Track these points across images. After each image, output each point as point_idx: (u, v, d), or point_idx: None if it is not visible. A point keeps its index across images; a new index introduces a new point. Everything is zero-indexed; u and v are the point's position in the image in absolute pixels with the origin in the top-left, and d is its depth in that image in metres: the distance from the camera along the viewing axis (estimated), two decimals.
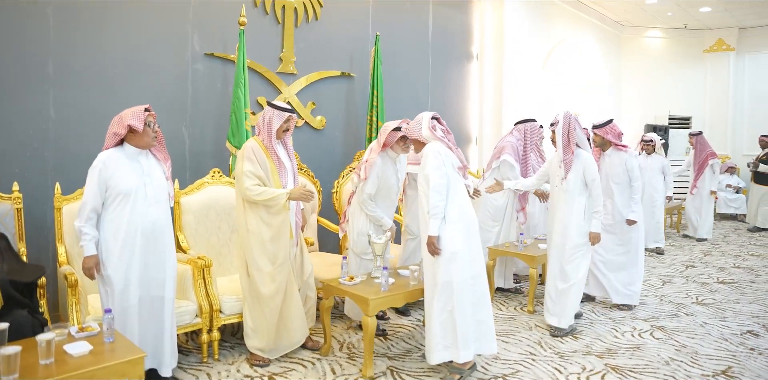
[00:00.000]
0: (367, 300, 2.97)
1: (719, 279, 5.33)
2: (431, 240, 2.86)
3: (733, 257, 6.36)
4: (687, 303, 4.51)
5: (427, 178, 2.87)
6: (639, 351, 3.45)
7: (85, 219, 2.50)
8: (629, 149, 4.25)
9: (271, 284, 3.05)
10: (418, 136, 3.04)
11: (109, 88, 3.71)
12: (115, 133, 2.56)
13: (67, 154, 3.55)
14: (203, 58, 4.14)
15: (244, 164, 3.01)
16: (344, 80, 5.15)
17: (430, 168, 2.88)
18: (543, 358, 3.31)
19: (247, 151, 3.04)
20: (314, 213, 4.44)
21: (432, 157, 2.91)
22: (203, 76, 4.15)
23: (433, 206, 2.84)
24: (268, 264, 3.05)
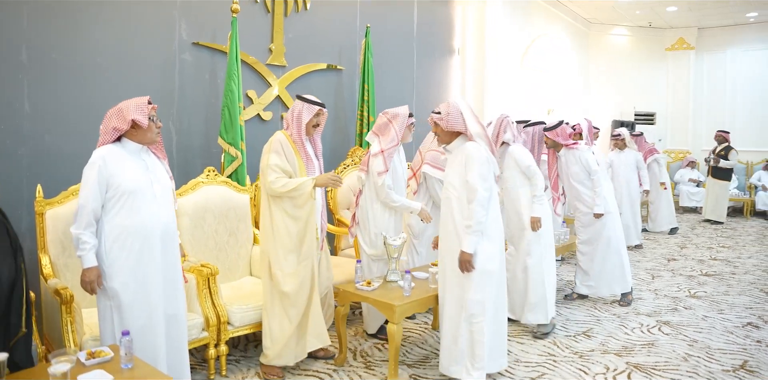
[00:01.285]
0: (393, 306, 2.80)
1: (703, 271, 5.47)
2: (467, 258, 2.67)
3: (707, 249, 6.58)
4: (681, 296, 4.59)
5: (472, 188, 2.67)
6: (654, 347, 3.45)
7: (84, 225, 2.18)
8: (580, 145, 4.25)
9: (294, 280, 2.87)
10: (462, 128, 2.78)
11: (90, 78, 3.35)
12: (115, 128, 2.26)
13: (44, 153, 3.17)
14: (191, 47, 3.83)
15: (270, 157, 2.85)
16: (332, 73, 4.93)
17: (478, 177, 2.67)
18: (563, 359, 3.25)
19: (275, 144, 2.88)
20: None
21: (479, 163, 2.70)
22: (191, 66, 3.84)
23: (477, 222, 2.65)
24: (293, 260, 2.88)
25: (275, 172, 2.84)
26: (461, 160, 2.74)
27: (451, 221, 2.77)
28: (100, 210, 2.23)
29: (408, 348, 3.39)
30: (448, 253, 2.79)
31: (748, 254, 6.31)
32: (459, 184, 2.73)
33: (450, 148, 2.87)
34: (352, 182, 4.44)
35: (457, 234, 2.72)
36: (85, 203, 2.20)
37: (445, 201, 2.81)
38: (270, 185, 2.83)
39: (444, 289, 2.82)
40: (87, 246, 2.18)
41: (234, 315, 2.95)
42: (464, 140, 2.81)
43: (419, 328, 3.74)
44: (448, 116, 2.80)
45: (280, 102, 4.46)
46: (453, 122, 2.78)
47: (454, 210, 2.74)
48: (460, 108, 2.81)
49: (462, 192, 2.72)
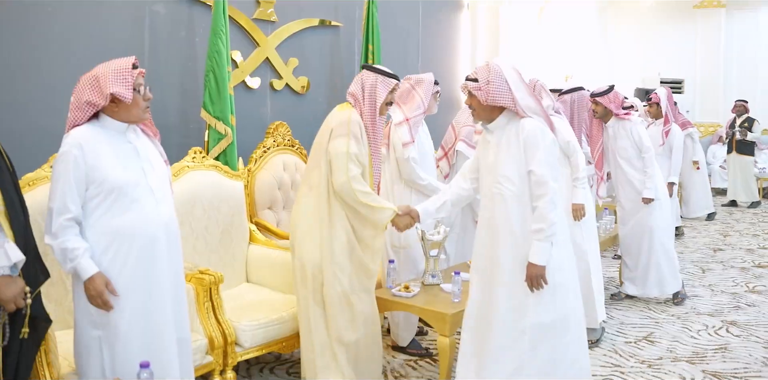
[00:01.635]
0: (445, 316, 2.72)
1: (755, 262, 5.58)
2: (539, 271, 2.37)
3: (753, 237, 6.74)
4: (740, 292, 4.67)
5: (540, 181, 2.37)
6: (728, 352, 3.48)
7: (61, 231, 1.96)
8: (633, 116, 4.29)
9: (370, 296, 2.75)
10: (507, 101, 2.42)
11: (42, 34, 3.10)
12: (89, 102, 2.01)
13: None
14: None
15: (350, 143, 2.63)
16: (328, 31, 4.74)
17: (546, 166, 2.38)
18: (631, 370, 3.25)
19: (354, 125, 2.68)
20: None
21: (545, 147, 2.39)
22: (164, 21, 3.61)
23: (550, 224, 2.35)
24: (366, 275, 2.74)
25: (355, 165, 2.63)
26: (515, 143, 2.44)
27: (504, 224, 2.46)
28: (80, 213, 2.01)
29: None
30: (494, 265, 2.49)
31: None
32: (516, 176, 2.43)
33: (492, 128, 2.53)
34: None
35: (514, 241, 2.44)
36: (58, 206, 1.96)
37: (494, 199, 2.49)
38: (348, 182, 2.60)
39: (481, 313, 2.52)
40: (78, 252, 1.97)
41: (243, 333, 2.80)
42: (511, 116, 2.48)
43: None
44: (489, 85, 2.43)
45: (269, 66, 4.27)
46: (495, 93, 2.42)
47: (510, 211, 2.44)
48: (503, 73, 2.44)
49: (522, 186, 2.42)
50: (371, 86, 2.78)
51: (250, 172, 3.68)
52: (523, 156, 2.41)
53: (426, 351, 3.45)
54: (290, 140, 3.96)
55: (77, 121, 2.05)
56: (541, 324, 2.43)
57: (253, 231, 3.53)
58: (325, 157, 2.69)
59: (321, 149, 2.72)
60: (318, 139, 2.78)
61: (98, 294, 1.96)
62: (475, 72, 2.53)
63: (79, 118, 2.04)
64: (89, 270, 1.97)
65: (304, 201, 2.75)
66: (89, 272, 1.97)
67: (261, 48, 4.16)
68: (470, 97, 2.55)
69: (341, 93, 4.90)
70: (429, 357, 3.41)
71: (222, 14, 3.50)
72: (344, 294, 2.68)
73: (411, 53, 5.71)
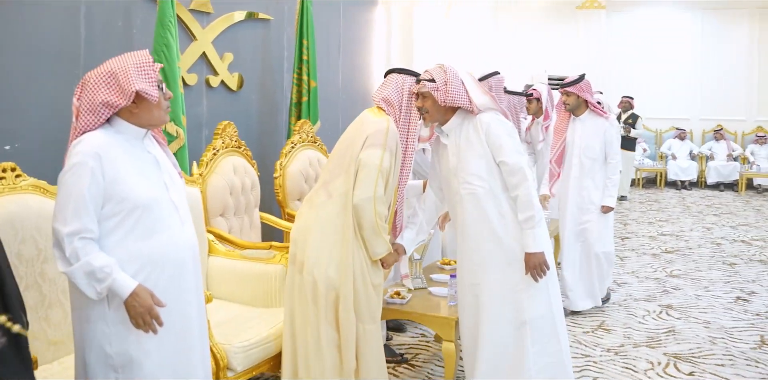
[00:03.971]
0: (451, 321, 2.78)
1: (662, 248, 6.22)
2: (541, 258, 2.46)
3: (648, 224, 7.50)
4: (662, 277, 5.19)
5: (514, 169, 2.46)
6: (677, 334, 3.87)
7: (77, 251, 1.72)
8: (611, 117, 4.29)
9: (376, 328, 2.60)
10: (464, 101, 2.49)
11: None
12: (106, 103, 1.79)
13: None
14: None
15: (384, 156, 2.44)
16: (259, 25, 4.58)
17: (515, 153, 2.49)
18: (602, 359, 3.50)
19: (392, 137, 2.48)
20: (255, 208, 3.93)
21: (508, 134, 2.51)
22: (101, 10, 3.29)
23: (538, 208, 2.47)
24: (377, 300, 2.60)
25: (384, 180, 2.45)
26: (476, 139, 2.50)
27: (483, 223, 2.53)
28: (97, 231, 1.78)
29: (428, 369, 3.36)
30: (481, 266, 2.57)
31: (688, 227, 7.32)
32: (485, 172, 2.50)
33: (447, 129, 2.59)
34: (302, 165, 4.21)
35: (496, 238, 2.52)
36: (78, 228, 1.73)
37: (464, 200, 2.55)
38: (370, 200, 2.41)
39: (478, 314, 2.58)
40: (109, 269, 1.73)
41: (236, 356, 2.63)
42: (464, 115, 2.57)
43: (418, 343, 3.70)
44: (447, 85, 2.48)
45: (205, 62, 4.03)
46: (454, 93, 2.48)
47: (487, 209, 2.51)
48: (458, 73, 2.53)
49: (493, 180, 2.51)
50: (409, 92, 2.61)
51: (202, 177, 3.47)
52: (488, 150, 2.50)
53: (401, 357, 3.47)
54: (237, 141, 3.78)
55: (89, 126, 1.82)
56: (540, 316, 2.55)
57: (212, 242, 3.34)
58: (354, 165, 2.49)
59: (352, 155, 2.50)
60: (348, 143, 2.56)
61: (147, 309, 1.75)
62: (428, 73, 2.55)
63: (93, 123, 1.82)
64: (130, 285, 1.75)
65: (323, 209, 2.52)
66: (130, 286, 1.75)
67: (198, 42, 3.92)
68: (423, 98, 2.54)
69: (273, 91, 4.77)
70: (405, 362, 3.43)
71: (170, 3, 3.26)
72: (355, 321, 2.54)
73: (333, 49, 5.67)
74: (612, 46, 10.82)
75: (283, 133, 4.82)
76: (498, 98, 4.09)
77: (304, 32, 4.58)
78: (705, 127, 10.74)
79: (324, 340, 2.53)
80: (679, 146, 10.51)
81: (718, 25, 10.66)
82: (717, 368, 3.34)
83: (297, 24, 4.59)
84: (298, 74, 4.61)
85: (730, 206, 8.80)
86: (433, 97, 2.51)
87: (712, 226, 7.35)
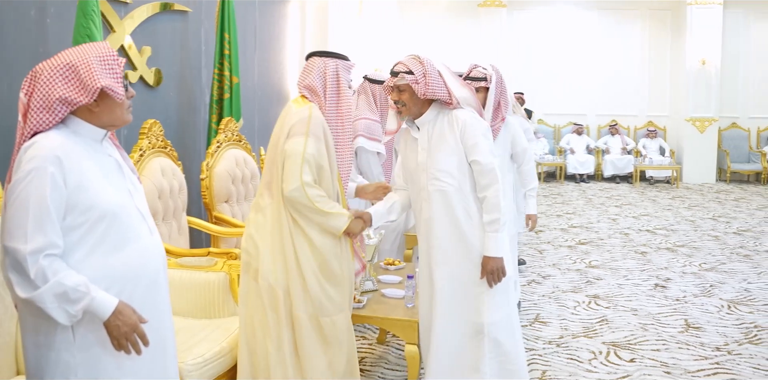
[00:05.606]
0: (413, 323, 2.79)
1: (576, 240, 6.61)
2: (499, 263, 2.46)
3: (557, 217, 7.93)
4: (582, 268, 5.52)
5: (486, 169, 2.47)
6: (610, 322, 4.12)
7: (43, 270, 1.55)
8: None
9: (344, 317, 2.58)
10: (443, 94, 2.47)
11: None
12: (62, 99, 1.63)
13: None
14: None
15: (308, 142, 2.41)
16: (177, 18, 4.37)
17: (489, 153, 2.48)
18: (545, 351, 3.66)
19: (315, 123, 2.45)
20: (183, 212, 3.77)
21: (483, 134, 2.50)
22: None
23: (504, 212, 2.46)
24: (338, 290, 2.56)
25: (310, 167, 2.41)
26: (450, 135, 2.50)
27: (450, 222, 2.52)
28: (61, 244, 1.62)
29: (379, 372, 3.37)
30: (444, 264, 2.56)
31: (594, 218, 7.83)
32: (456, 169, 2.50)
33: (420, 122, 2.57)
34: (229, 165, 4.08)
35: (462, 238, 2.52)
36: (42, 244, 1.56)
37: (432, 196, 2.54)
38: (300, 188, 2.40)
39: (434, 311, 2.58)
40: (83, 287, 1.58)
41: (190, 374, 2.48)
42: (439, 109, 2.55)
43: (364, 347, 3.71)
44: (426, 77, 2.45)
45: (123, 55, 3.79)
46: (434, 85, 2.45)
47: (454, 207, 2.51)
48: (435, 64, 2.50)
49: (463, 179, 2.51)
50: (334, 74, 2.56)
51: None
52: (461, 147, 2.49)
53: None
54: (163, 141, 3.59)
55: (41, 125, 1.64)
56: (499, 321, 2.55)
57: None
58: (281, 158, 2.49)
59: (277, 150, 2.51)
60: (273, 140, 2.56)
61: (132, 327, 1.63)
62: (404, 65, 2.49)
63: (46, 122, 1.64)
64: (111, 302, 1.62)
65: (268, 211, 2.51)
66: (112, 304, 1.62)
67: (115, 34, 3.68)
68: (400, 92, 2.52)
69: (191, 87, 4.58)
70: None
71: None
72: (314, 317, 2.54)
73: (249, 45, 5.52)
74: (513, 42, 11.33)
75: (203, 131, 4.64)
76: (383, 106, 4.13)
77: (225, 26, 4.42)
78: (600, 123, 11.51)
79: (286, 345, 2.52)
80: (576, 141, 11.18)
81: (613, 24, 11.44)
82: (654, 353, 3.59)
83: (218, 17, 4.43)
84: (219, 70, 4.45)
85: (628, 197, 9.50)
86: (411, 90, 2.48)
87: (616, 217, 7.89)
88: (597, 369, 3.38)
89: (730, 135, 11.18)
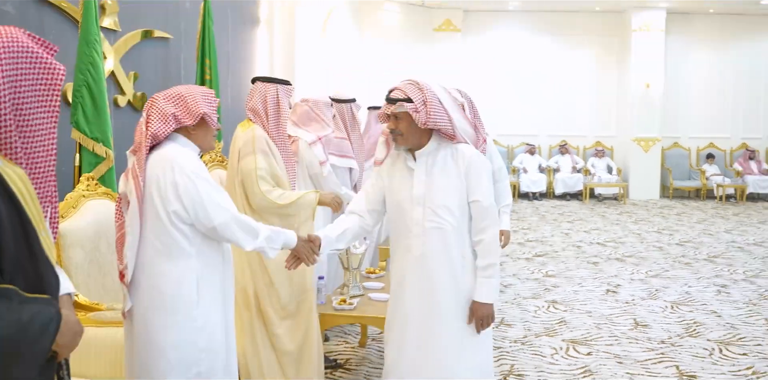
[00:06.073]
0: None
1: (532, 253, 7.07)
2: (490, 311, 2.35)
3: (513, 232, 8.38)
4: (540, 277, 5.96)
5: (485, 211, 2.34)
6: (568, 323, 4.55)
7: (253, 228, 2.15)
8: None
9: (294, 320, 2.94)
10: (445, 123, 2.29)
11: None
12: (174, 115, 2.07)
13: None
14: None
15: (258, 159, 2.79)
16: (159, 44, 4.67)
17: (491, 195, 2.38)
18: (511, 348, 4.04)
19: (260, 141, 2.82)
20: None
21: (487, 176, 2.38)
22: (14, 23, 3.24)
23: (498, 258, 2.37)
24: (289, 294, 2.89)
25: (265, 180, 2.80)
26: (454, 171, 2.35)
27: (445, 262, 2.36)
28: None
29: (364, 371, 3.67)
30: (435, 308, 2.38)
31: (548, 233, 8.33)
32: (457, 207, 2.34)
33: (422, 154, 2.37)
34: None
35: (455, 279, 2.37)
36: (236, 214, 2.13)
37: (428, 233, 2.35)
38: (262, 196, 2.78)
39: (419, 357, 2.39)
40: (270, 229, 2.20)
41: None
42: (439, 140, 2.38)
43: (348, 350, 4.01)
44: (427, 106, 2.25)
45: (113, 81, 4.07)
46: (435, 114, 2.26)
47: (450, 246, 2.35)
48: (435, 91, 2.30)
49: (462, 218, 2.36)
50: (274, 97, 2.98)
51: None
52: (464, 185, 2.34)
53: (335, 363, 3.74)
54: None
55: (159, 133, 2.05)
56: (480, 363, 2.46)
57: None
58: (237, 178, 2.88)
59: (233, 172, 2.92)
60: (229, 163, 2.97)
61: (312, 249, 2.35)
62: (401, 91, 2.30)
63: (162, 131, 2.06)
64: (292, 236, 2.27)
65: None
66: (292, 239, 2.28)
67: (106, 60, 3.95)
68: (396, 120, 2.32)
69: None
70: (340, 367, 3.71)
71: (94, 21, 3.33)
72: (282, 307, 2.91)
73: (222, 68, 5.82)
74: (467, 66, 11.91)
75: None
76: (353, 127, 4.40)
77: (206, 51, 4.74)
78: (551, 143, 12.17)
79: (259, 338, 2.91)
80: (529, 160, 11.79)
81: (564, 49, 12.19)
82: (608, 347, 4.02)
83: (198, 43, 4.74)
84: None
85: (579, 213, 10.08)
86: (409, 119, 2.28)
87: (569, 232, 8.42)
88: (558, 362, 3.78)
89: (672, 154, 11.98)
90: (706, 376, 3.56)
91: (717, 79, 12.03)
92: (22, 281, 1.36)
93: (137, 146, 2.07)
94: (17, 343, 1.28)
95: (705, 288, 5.49)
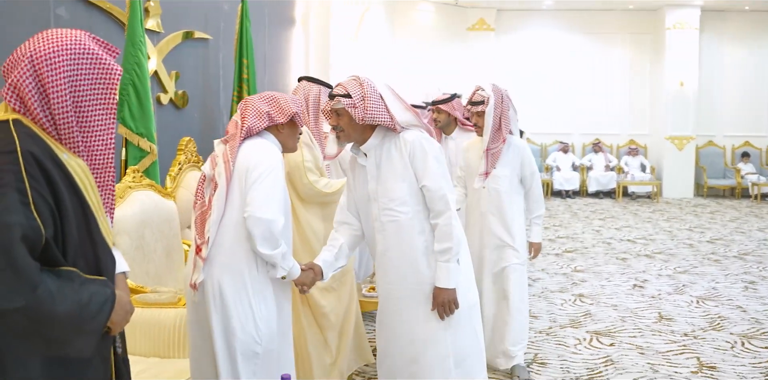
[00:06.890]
0: None
1: (562, 249, 7.12)
2: (451, 295, 2.31)
3: (545, 229, 8.42)
4: (569, 272, 6.02)
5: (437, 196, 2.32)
6: (593, 316, 4.61)
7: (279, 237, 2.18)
8: None
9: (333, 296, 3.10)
10: (384, 118, 2.30)
11: None
12: (268, 113, 2.26)
13: None
14: (69, 1, 3.46)
15: (304, 152, 2.93)
16: (199, 44, 4.87)
17: (441, 178, 2.34)
18: (536, 339, 4.14)
19: (303, 135, 2.96)
20: None
21: (435, 157, 2.34)
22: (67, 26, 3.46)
23: (458, 241, 2.32)
24: None
25: (311, 171, 2.96)
26: (399, 160, 2.34)
27: (407, 254, 2.37)
28: None
29: None
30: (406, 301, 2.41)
31: (579, 230, 8.34)
32: (409, 196, 2.34)
33: (366, 149, 2.39)
34: None
35: (419, 271, 2.37)
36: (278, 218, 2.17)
37: (385, 228, 2.38)
38: (311, 186, 2.94)
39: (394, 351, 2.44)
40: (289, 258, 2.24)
41: None
42: (384, 132, 2.39)
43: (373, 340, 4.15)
44: (365, 101, 2.28)
45: (156, 80, 4.28)
46: (373, 110, 2.28)
47: (411, 238, 2.36)
48: (377, 87, 2.34)
49: (417, 206, 2.35)
50: (315, 97, 3.17)
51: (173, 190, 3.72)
52: (411, 172, 2.33)
53: None
54: (196, 156, 4.07)
55: (253, 127, 2.23)
56: (462, 351, 2.43)
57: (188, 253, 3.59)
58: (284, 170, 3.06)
59: None
60: None
61: None
62: (342, 87, 2.34)
63: (256, 126, 2.25)
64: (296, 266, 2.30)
65: None
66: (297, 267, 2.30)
67: (150, 60, 4.16)
68: (338, 116, 2.36)
69: (212, 108, 5.06)
70: None
71: (140, 23, 3.53)
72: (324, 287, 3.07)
73: (259, 68, 6.02)
74: (501, 65, 11.94)
75: None
76: None
77: (243, 51, 4.93)
78: (585, 141, 12.11)
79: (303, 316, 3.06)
80: (562, 158, 11.75)
81: (597, 48, 12.11)
82: (631, 339, 4.08)
83: (236, 43, 4.93)
84: (238, 92, 4.95)
85: (611, 211, 10.04)
86: (349, 115, 2.31)
87: (600, 229, 8.41)
88: (581, 352, 3.86)
89: (706, 152, 11.81)
90: (726, 368, 3.61)
91: (752, 77, 11.81)
92: (83, 263, 1.53)
93: (231, 137, 2.24)
94: (78, 320, 1.46)
95: (732, 284, 5.48)
